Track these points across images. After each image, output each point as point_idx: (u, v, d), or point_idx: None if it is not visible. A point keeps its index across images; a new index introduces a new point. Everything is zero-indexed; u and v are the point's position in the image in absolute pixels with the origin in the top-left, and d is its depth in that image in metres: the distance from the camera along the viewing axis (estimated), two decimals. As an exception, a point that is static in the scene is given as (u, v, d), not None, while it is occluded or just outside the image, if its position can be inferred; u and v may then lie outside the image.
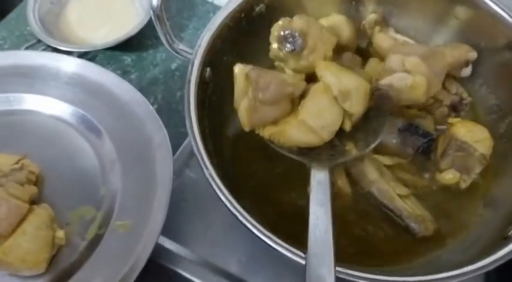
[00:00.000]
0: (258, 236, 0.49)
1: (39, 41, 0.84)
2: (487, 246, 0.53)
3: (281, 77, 0.59)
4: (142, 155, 0.63)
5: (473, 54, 0.65)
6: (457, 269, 0.49)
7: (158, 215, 0.57)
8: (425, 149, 0.63)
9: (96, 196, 0.62)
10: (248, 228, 0.49)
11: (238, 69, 0.58)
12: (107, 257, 0.56)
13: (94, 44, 0.85)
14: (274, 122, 0.59)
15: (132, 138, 0.65)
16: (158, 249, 0.62)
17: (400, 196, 0.60)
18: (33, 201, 0.58)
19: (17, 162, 0.58)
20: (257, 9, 0.65)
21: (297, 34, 0.60)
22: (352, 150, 0.61)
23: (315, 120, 0.57)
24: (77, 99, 0.70)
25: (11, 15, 0.93)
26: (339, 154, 0.60)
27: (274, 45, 0.61)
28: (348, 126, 0.60)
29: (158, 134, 0.64)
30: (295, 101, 0.60)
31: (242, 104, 0.58)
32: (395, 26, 0.72)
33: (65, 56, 0.74)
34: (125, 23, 0.88)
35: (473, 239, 0.58)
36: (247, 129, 0.59)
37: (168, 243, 0.64)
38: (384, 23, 0.72)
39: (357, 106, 0.59)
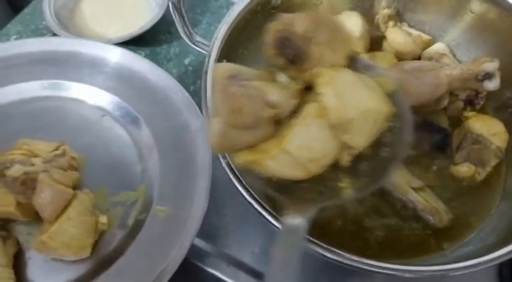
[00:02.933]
0: (273, 224, 0.49)
1: (54, 35, 0.85)
2: (502, 237, 0.54)
3: (262, 96, 0.44)
4: (180, 141, 0.64)
5: (490, 65, 0.61)
6: (470, 259, 0.49)
7: (200, 200, 0.58)
8: (441, 145, 0.63)
9: (135, 182, 0.62)
10: (264, 217, 0.50)
11: (216, 71, 0.45)
12: (150, 243, 0.56)
13: (109, 38, 0.86)
14: (251, 146, 0.45)
15: (169, 125, 0.65)
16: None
17: (414, 189, 0.60)
18: (75, 187, 0.58)
19: (56, 149, 0.58)
20: (273, 1, 0.65)
21: (296, 41, 0.44)
22: (346, 189, 0.46)
23: (301, 152, 0.43)
24: (112, 86, 0.70)
25: (26, 10, 0.94)
26: (329, 193, 0.46)
27: (269, 50, 0.47)
28: (345, 161, 0.46)
29: (195, 121, 0.65)
30: (281, 121, 0.46)
31: (213, 122, 0.44)
32: (409, 21, 0.73)
33: (99, 43, 0.74)
34: (138, 18, 0.89)
35: (488, 231, 0.58)
36: (214, 152, 0.52)
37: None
38: (397, 17, 0.72)
39: (359, 139, 0.44)
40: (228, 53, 0.60)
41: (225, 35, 0.60)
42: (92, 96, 0.70)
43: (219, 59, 0.58)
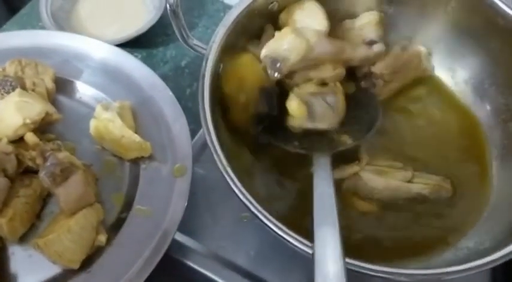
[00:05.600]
0: (269, 227, 0.50)
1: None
2: (497, 241, 0.54)
3: None
4: (161, 142, 0.64)
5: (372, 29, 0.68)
6: (465, 263, 0.49)
7: (180, 202, 0.59)
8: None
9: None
10: (260, 219, 0.50)
11: None
12: (130, 242, 0.57)
13: (105, 40, 0.85)
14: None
15: (151, 125, 0.66)
16: (168, 242, 0.63)
17: (409, 181, 0.62)
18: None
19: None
20: (270, 6, 0.65)
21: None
22: (347, 140, 0.65)
23: None
24: (98, 82, 0.70)
25: (23, 11, 0.94)
26: (337, 144, 0.64)
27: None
28: None
29: (178, 121, 0.65)
30: None
31: None
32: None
33: (84, 37, 0.74)
34: (135, 20, 0.89)
35: (482, 235, 0.58)
36: None
37: (177, 236, 0.64)
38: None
39: None
40: (225, 56, 0.61)
41: (223, 39, 0.60)
42: (77, 91, 0.70)
43: (217, 63, 0.59)
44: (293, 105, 0.64)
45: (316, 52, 0.64)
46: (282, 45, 0.62)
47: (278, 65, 0.62)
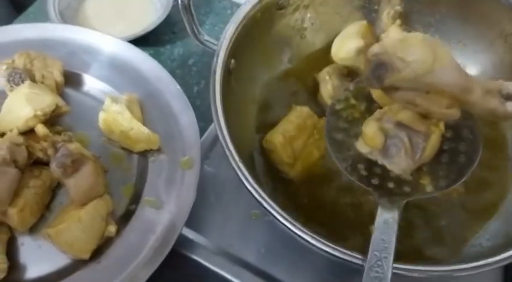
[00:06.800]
0: (282, 223, 0.49)
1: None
2: (510, 239, 0.54)
3: None
4: (170, 134, 0.64)
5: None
6: (478, 260, 0.49)
7: (189, 194, 0.59)
8: None
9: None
10: (273, 215, 0.49)
11: None
12: (138, 233, 0.57)
13: (112, 38, 0.86)
14: None
15: (159, 118, 0.66)
16: (178, 238, 0.63)
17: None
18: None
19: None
20: (280, 2, 0.65)
21: None
22: (427, 185, 0.53)
23: None
24: (105, 75, 0.70)
25: (30, 9, 0.94)
26: (413, 189, 0.53)
27: None
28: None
29: (185, 113, 0.65)
30: None
31: None
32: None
33: (91, 31, 0.74)
34: (142, 18, 0.89)
35: (496, 232, 0.58)
36: None
37: (188, 233, 0.64)
38: (405, 19, 0.72)
39: None
40: (236, 52, 0.61)
41: (233, 35, 0.60)
42: (85, 84, 0.70)
43: (228, 58, 0.59)
44: (369, 132, 0.53)
45: (437, 78, 0.46)
46: (402, 52, 0.45)
47: (383, 73, 0.46)
